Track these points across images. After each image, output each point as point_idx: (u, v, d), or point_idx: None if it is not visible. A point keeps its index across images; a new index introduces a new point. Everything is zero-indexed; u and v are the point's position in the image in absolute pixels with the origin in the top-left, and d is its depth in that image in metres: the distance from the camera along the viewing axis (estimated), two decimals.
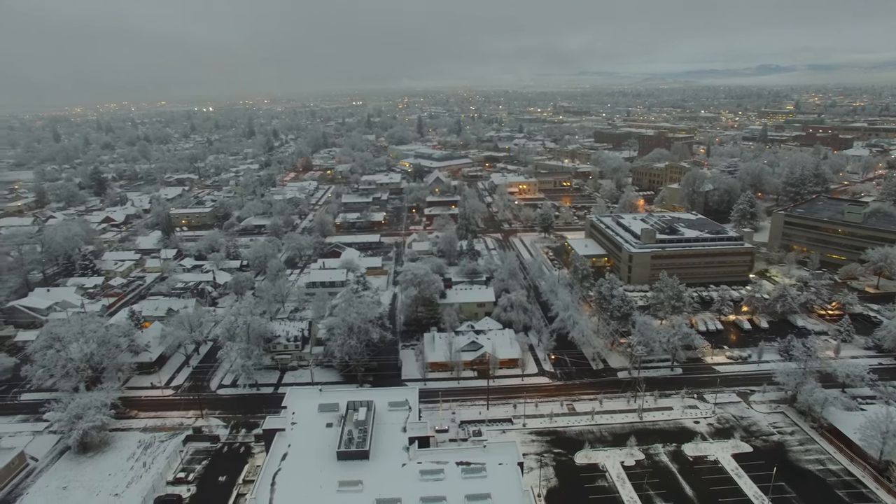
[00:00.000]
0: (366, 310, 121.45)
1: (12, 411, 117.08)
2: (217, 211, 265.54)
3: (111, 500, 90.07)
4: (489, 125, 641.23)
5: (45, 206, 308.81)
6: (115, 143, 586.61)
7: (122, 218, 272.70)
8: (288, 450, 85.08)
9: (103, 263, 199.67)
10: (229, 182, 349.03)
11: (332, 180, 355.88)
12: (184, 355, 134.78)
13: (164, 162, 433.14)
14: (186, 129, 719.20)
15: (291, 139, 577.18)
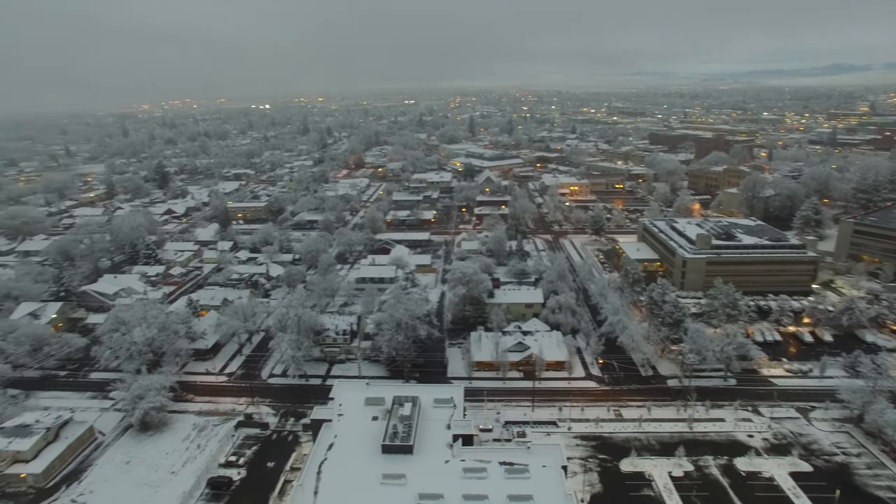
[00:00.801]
0: (414, 307, 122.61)
1: (83, 388, 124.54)
2: (272, 205, 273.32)
3: (168, 478, 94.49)
4: (541, 125, 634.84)
5: (114, 198, 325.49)
6: (178, 138, 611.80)
7: (183, 210, 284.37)
8: (334, 440, 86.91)
9: (165, 253, 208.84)
10: (284, 178, 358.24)
11: (383, 178, 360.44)
12: (237, 344, 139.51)
13: (222, 157, 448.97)
14: (244, 126, 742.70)
15: (344, 137, 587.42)
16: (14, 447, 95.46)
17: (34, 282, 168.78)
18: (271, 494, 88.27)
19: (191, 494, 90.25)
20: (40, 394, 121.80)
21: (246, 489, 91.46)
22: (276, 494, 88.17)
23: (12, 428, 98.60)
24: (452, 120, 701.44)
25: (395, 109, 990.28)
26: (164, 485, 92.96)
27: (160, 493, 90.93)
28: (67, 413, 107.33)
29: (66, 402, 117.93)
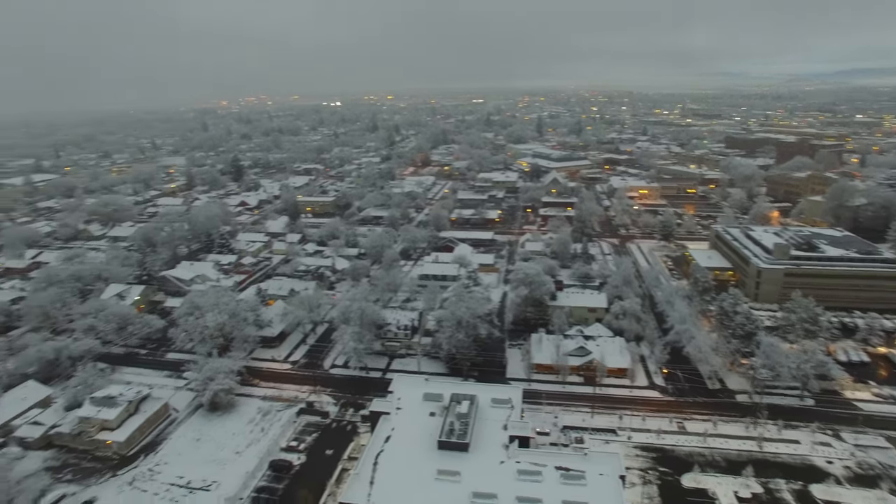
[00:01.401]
0: (475, 305, 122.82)
1: (160, 367, 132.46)
2: (339, 200, 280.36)
3: (234, 457, 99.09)
4: (611, 126, 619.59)
5: (193, 189, 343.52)
6: (253, 133, 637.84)
7: (255, 202, 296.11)
8: (391, 433, 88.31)
9: (237, 243, 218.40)
10: (352, 173, 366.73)
11: (449, 176, 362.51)
12: (302, 334, 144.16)
13: (293, 152, 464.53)
14: (315, 123, 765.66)
15: (412, 134, 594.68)
16: (102, 416, 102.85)
17: (121, 265, 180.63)
18: (328, 481, 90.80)
19: (253, 475, 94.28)
20: (124, 369, 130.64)
21: (305, 474, 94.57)
22: (334, 481, 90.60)
23: (101, 398, 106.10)
24: (520, 120, 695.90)
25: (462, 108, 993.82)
26: (229, 463, 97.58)
27: (226, 471, 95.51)
28: (146, 389, 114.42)
29: (145, 378, 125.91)
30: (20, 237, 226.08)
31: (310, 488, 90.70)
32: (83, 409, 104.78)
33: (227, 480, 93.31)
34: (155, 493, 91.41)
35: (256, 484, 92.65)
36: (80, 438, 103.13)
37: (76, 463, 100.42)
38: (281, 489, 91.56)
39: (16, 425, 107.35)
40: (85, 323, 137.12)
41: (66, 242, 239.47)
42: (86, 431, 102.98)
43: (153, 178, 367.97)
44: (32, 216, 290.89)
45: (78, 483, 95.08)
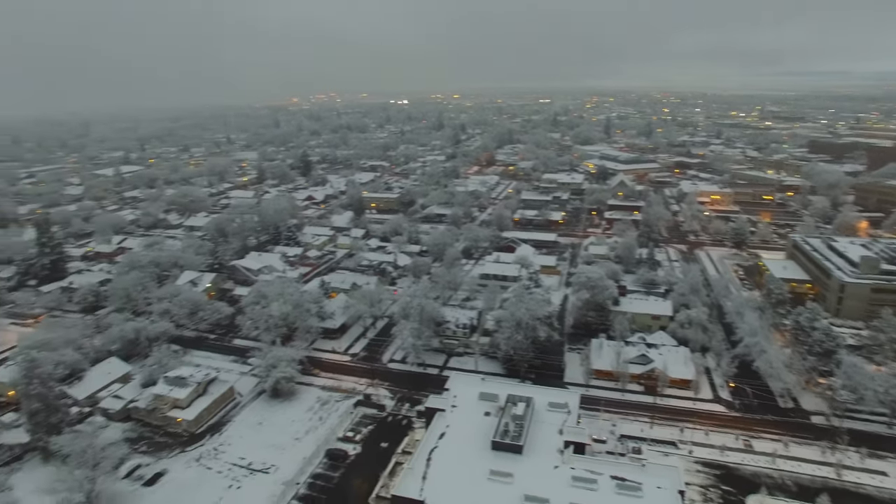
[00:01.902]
0: (535, 307, 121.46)
1: (227, 352, 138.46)
2: (403, 197, 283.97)
3: (292, 443, 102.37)
4: (683, 129, 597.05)
5: (264, 182, 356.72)
6: (322, 130, 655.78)
7: (322, 197, 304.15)
8: (446, 430, 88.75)
9: (303, 236, 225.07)
10: (416, 171, 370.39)
11: (513, 176, 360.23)
12: (362, 327, 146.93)
13: (360, 149, 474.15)
14: (382, 120, 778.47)
15: (477, 134, 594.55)
16: (174, 395, 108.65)
17: (195, 254, 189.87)
18: (382, 473, 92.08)
19: (310, 461, 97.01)
20: (194, 352, 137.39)
21: (359, 464, 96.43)
22: (387, 473, 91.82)
23: (173, 378, 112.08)
24: (588, 120, 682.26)
25: (528, 108, 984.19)
26: (288, 448, 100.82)
27: (284, 455, 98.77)
28: (214, 372, 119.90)
29: (213, 362, 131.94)
30: (109, 224, 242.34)
31: (364, 478, 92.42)
32: (157, 387, 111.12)
33: (286, 465, 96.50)
34: (218, 472, 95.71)
35: (313, 470, 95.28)
36: (154, 414, 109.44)
37: (150, 436, 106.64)
38: (336, 477, 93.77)
39: (101, 397, 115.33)
40: (161, 306, 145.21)
41: (148, 230, 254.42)
42: (159, 408, 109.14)
43: (227, 171, 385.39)
44: (120, 204, 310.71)
45: (151, 455, 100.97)
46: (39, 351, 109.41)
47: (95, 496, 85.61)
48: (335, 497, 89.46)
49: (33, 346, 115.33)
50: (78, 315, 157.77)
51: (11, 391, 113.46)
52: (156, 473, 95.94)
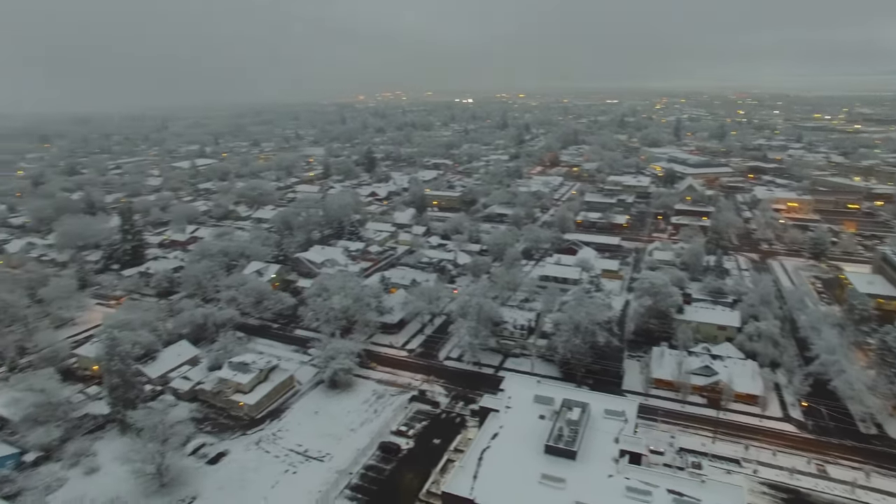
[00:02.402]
0: (595, 311, 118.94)
1: (288, 341, 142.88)
2: (465, 196, 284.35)
3: (347, 433, 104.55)
4: (759, 132, 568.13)
5: (329, 178, 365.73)
6: (387, 127, 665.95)
7: (385, 194, 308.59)
8: (499, 431, 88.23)
9: (365, 231, 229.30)
10: (479, 170, 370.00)
11: (577, 177, 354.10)
12: (420, 323, 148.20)
13: (424, 147, 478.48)
14: (446, 119, 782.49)
15: (542, 134, 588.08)
16: (237, 379, 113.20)
17: (262, 245, 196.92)
18: (434, 469, 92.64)
19: (364, 452, 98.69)
20: (257, 340, 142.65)
21: (411, 459, 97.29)
22: (438, 470, 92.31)
23: (237, 363, 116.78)
24: (656, 122, 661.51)
25: (595, 108, 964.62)
26: (343, 438, 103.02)
27: (339, 445, 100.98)
28: (275, 360, 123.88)
29: (275, 350, 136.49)
30: (184, 214, 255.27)
31: (415, 473, 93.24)
32: (222, 371, 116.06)
33: (340, 454, 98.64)
34: (276, 456, 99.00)
35: (366, 462, 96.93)
36: (219, 397, 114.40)
37: (215, 417, 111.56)
38: (388, 470, 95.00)
39: (171, 377, 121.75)
40: (228, 294, 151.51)
41: (219, 220, 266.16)
42: (223, 391, 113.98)
43: (294, 166, 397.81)
44: (194, 196, 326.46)
45: (215, 435, 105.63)
46: (120, 330, 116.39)
47: (164, 469, 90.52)
48: (386, 489, 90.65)
49: (115, 325, 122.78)
50: (153, 299, 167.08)
51: (96, 366, 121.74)
52: (218, 453, 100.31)
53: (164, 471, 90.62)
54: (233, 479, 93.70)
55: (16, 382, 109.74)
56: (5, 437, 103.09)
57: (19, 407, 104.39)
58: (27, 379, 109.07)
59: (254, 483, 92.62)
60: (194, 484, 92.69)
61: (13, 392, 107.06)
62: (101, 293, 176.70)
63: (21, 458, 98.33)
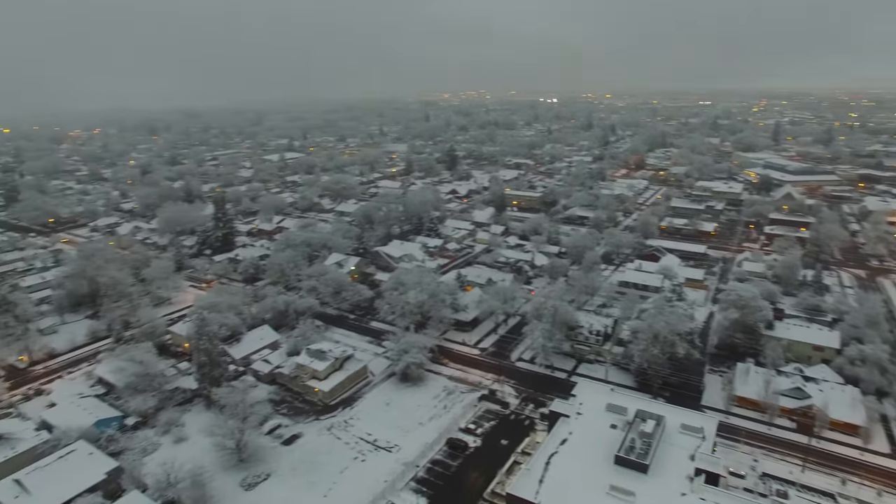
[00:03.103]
0: (676, 321, 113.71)
1: (363, 332, 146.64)
2: (546, 197, 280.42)
3: (416, 427, 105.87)
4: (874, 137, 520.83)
5: (411, 174, 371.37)
6: (469, 125, 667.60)
7: (465, 192, 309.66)
8: (568, 437, 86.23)
9: (444, 228, 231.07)
10: (561, 171, 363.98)
11: (663, 182, 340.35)
12: (494, 323, 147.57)
13: (506, 146, 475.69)
14: (530, 118, 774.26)
15: (628, 135, 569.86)
16: (314, 366, 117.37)
17: (343, 237, 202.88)
18: (499, 469, 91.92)
19: (431, 447, 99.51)
20: (334, 329, 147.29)
21: (478, 457, 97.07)
22: (504, 470, 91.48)
23: (314, 350, 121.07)
24: (753, 125, 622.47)
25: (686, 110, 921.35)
26: (412, 431, 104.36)
27: (408, 438, 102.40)
28: (351, 350, 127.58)
29: (351, 340, 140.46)
30: (272, 204, 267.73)
31: (480, 472, 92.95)
32: (300, 357, 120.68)
33: (408, 446, 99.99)
34: (346, 443, 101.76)
35: (433, 456, 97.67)
36: (296, 381, 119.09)
37: (291, 401, 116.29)
38: (454, 466, 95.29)
39: (253, 359, 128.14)
40: (309, 284, 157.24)
41: (304, 212, 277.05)
42: (300, 376, 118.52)
43: (377, 161, 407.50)
44: (281, 187, 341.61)
45: (290, 418, 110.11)
46: (209, 312, 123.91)
47: (243, 445, 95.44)
48: (451, 485, 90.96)
49: (205, 307, 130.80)
50: (240, 284, 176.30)
51: (187, 343, 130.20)
52: (292, 435, 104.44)
53: (243, 447, 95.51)
54: (305, 461, 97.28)
55: (120, 353, 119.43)
56: (111, 401, 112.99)
57: (123, 375, 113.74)
58: (129, 351, 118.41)
59: (324, 466, 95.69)
60: (269, 462, 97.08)
61: (118, 361, 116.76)
62: (195, 276, 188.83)
63: (123, 421, 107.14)
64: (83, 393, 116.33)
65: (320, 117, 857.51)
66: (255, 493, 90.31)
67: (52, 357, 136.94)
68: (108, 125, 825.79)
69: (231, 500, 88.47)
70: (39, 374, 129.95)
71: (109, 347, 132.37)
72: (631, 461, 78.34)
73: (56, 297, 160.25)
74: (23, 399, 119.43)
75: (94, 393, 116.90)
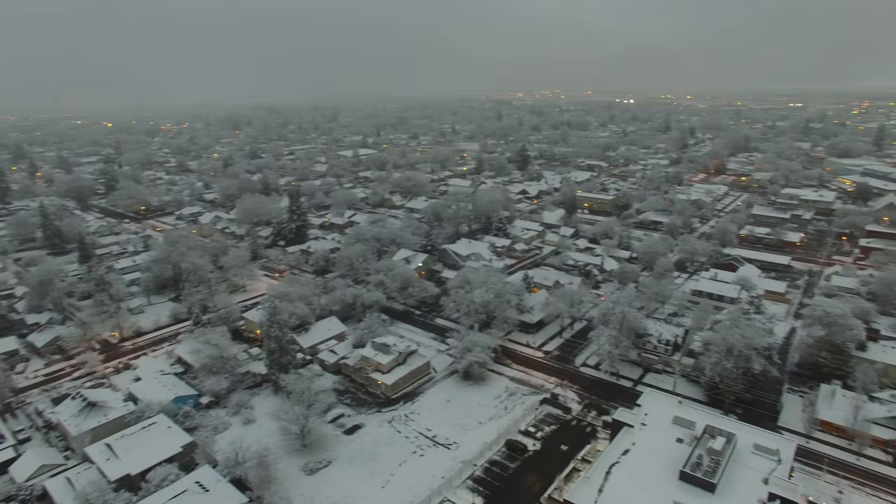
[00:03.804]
0: (753, 335, 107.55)
1: (428, 329, 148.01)
2: (618, 200, 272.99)
3: (475, 425, 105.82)
4: None
5: (481, 173, 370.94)
6: (542, 125, 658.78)
7: (535, 192, 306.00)
8: (631, 447, 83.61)
9: (512, 229, 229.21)
10: (636, 174, 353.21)
11: (745, 188, 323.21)
12: (559, 326, 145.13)
13: (579, 147, 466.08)
14: (605, 119, 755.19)
15: (708, 139, 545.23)
16: (378, 359, 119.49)
17: (412, 234, 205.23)
18: (558, 475, 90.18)
19: (490, 447, 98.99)
20: (399, 324, 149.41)
21: (536, 461, 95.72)
22: (563, 477, 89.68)
23: (379, 344, 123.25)
24: (851, 129, 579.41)
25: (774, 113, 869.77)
26: (471, 430, 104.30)
27: (467, 436, 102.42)
28: (414, 345, 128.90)
29: (415, 336, 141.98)
30: (344, 199, 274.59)
31: (538, 476, 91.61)
32: (365, 350, 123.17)
33: (466, 445, 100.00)
34: (406, 437, 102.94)
35: (491, 456, 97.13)
36: (360, 373, 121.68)
37: (354, 392, 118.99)
38: (512, 468, 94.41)
39: (320, 349, 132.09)
40: (377, 278, 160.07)
41: (374, 208, 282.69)
42: (364, 368, 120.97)
43: (448, 160, 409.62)
44: (354, 183, 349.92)
45: (353, 408, 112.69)
46: (281, 301, 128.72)
47: (307, 431, 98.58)
48: (508, 487, 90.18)
49: (277, 296, 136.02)
50: (311, 275, 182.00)
51: (258, 330, 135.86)
52: (354, 425, 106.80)
53: (307, 433, 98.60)
54: (365, 452, 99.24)
55: (198, 335, 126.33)
56: (188, 380, 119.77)
57: (199, 356, 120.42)
58: (206, 333, 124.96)
59: (383, 458, 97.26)
60: (331, 449, 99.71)
61: (196, 343, 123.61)
62: (268, 266, 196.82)
63: (198, 399, 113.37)
64: (164, 370, 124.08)
65: (394, 115, 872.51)
66: (316, 479, 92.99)
67: (138, 335, 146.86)
68: (196, 120, 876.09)
69: (293, 482, 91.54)
70: (128, 350, 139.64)
71: (188, 329, 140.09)
72: (697, 478, 74.92)
73: (144, 280, 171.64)
74: (113, 371, 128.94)
75: (173, 371, 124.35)
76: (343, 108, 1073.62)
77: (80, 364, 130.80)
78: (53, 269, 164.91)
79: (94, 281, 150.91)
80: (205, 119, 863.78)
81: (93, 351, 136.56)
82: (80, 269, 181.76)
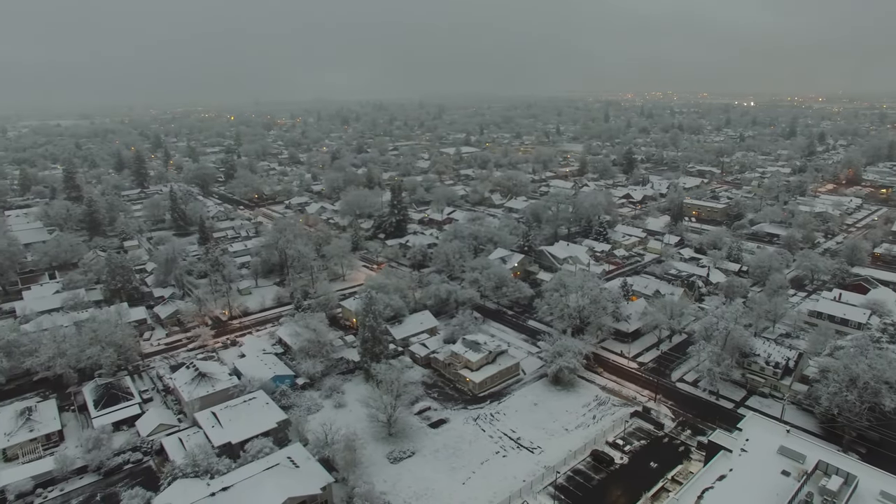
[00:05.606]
0: (884, 367, 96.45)
1: (519, 330, 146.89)
2: (730, 209, 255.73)
3: (561, 431, 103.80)
4: None
5: (584, 175, 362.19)
6: (651, 128, 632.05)
7: (640, 197, 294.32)
8: (728, 473, 78.09)
9: (613, 234, 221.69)
10: (751, 182, 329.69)
11: (884, 201, 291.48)
12: (656, 337, 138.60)
13: (690, 152, 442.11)
14: (720, 123, 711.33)
15: (841, 146, 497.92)
16: (468, 356, 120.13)
17: (509, 233, 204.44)
18: (645, 493, 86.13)
19: (575, 455, 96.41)
20: (491, 323, 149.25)
21: (623, 475, 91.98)
22: (650, 495, 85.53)
23: (469, 341, 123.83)
24: None
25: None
26: (556, 436, 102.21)
27: (551, 441, 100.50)
28: (505, 345, 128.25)
29: (505, 336, 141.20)
30: (444, 196, 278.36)
31: (624, 491, 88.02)
32: (455, 346, 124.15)
33: (551, 450, 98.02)
34: (490, 436, 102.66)
35: (575, 465, 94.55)
36: (449, 368, 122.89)
37: (442, 386, 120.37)
38: (596, 480, 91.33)
39: (411, 342, 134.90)
40: (472, 276, 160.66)
41: (473, 206, 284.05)
42: (453, 364, 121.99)
43: (551, 160, 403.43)
44: (455, 180, 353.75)
45: (439, 402, 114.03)
46: (377, 292, 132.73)
47: (394, 420, 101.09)
48: (591, 498, 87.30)
49: (374, 287, 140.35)
50: (407, 269, 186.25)
51: (354, 319, 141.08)
52: (440, 419, 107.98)
53: (393, 422, 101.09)
54: (448, 446, 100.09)
55: (298, 319, 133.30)
56: (287, 360, 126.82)
57: (298, 339, 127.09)
58: (305, 318, 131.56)
59: (466, 455, 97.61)
60: (415, 441, 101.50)
61: (296, 326, 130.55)
62: (367, 257, 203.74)
63: (295, 380, 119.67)
64: (266, 349, 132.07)
65: (498, 114, 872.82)
66: (399, 468, 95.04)
67: (245, 314, 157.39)
68: (308, 115, 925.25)
69: (377, 469, 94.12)
70: (235, 328, 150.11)
71: (290, 313, 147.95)
72: None
73: (253, 264, 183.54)
74: (222, 347, 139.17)
75: (274, 351, 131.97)
76: (448, 105, 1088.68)
77: (195, 337, 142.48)
78: (178, 249, 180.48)
79: (210, 262, 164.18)
80: (317, 114, 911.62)
81: (205, 326, 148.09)
82: (198, 249, 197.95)
